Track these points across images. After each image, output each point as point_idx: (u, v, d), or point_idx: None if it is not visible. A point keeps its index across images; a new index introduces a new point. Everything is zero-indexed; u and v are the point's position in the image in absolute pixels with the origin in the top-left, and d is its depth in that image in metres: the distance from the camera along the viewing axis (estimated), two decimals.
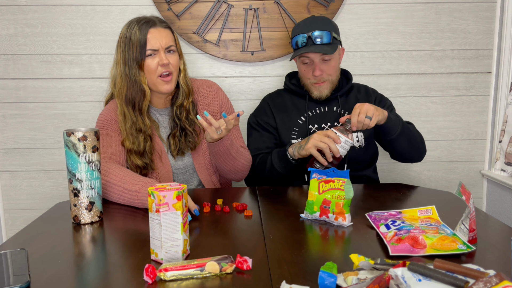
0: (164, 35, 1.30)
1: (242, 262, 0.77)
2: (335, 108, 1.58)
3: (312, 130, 1.55)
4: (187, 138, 1.38)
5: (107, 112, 1.39)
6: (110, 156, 1.29)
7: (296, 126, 1.56)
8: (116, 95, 1.34)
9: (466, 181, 2.03)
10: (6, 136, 1.89)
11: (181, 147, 1.38)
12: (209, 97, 1.44)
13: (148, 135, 1.35)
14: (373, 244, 0.89)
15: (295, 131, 1.56)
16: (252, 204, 1.18)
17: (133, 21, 1.31)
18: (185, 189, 0.83)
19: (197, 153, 1.43)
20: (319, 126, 1.56)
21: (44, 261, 0.83)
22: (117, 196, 1.17)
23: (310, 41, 1.47)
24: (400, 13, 1.88)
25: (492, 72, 1.94)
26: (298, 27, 1.52)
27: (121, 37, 1.31)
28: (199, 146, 1.42)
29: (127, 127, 1.32)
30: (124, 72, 1.30)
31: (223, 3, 1.82)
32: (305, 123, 1.56)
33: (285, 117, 1.58)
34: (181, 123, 1.38)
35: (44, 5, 1.81)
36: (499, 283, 0.54)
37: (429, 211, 0.99)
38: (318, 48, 1.45)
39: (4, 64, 1.84)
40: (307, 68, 1.51)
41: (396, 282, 0.61)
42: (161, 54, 1.29)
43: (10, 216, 1.94)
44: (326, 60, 1.48)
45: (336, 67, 1.53)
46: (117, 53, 1.33)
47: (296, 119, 1.57)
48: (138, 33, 1.28)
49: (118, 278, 0.76)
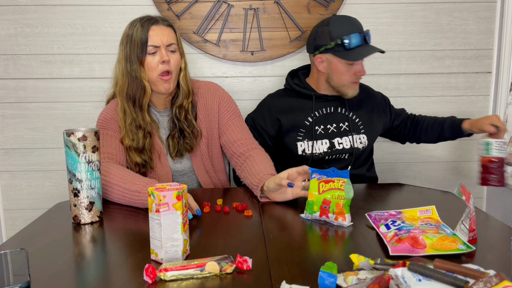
0: (165, 33, 1.30)
1: (242, 262, 0.77)
2: (339, 109, 1.57)
3: (318, 131, 1.54)
4: (185, 140, 1.38)
5: (108, 111, 1.39)
6: (111, 156, 1.29)
7: (303, 127, 1.54)
8: (118, 92, 1.34)
9: (466, 181, 2.03)
10: (6, 136, 1.89)
11: (180, 149, 1.38)
12: (206, 98, 1.43)
13: (148, 132, 1.34)
14: (373, 244, 0.89)
15: (302, 132, 1.54)
16: (252, 204, 1.18)
17: (136, 20, 1.32)
18: (185, 189, 0.83)
19: (196, 155, 1.42)
20: (325, 127, 1.55)
21: (44, 261, 0.83)
22: (117, 197, 1.17)
23: (364, 41, 1.45)
24: (400, 13, 1.88)
25: (492, 72, 1.94)
26: (345, 25, 1.46)
27: (124, 35, 1.32)
28: (197, 148, 1.41)
29: (127, 123, 1.32)
30: (125, 68, 1.30)
31: (223, 3, 1.82)
32: (311, 124, 1.54)
33: (291, 117, 1.55)
34: (179, 123, 1.37)
35: (44, 5, 1.81)
36: (499, 283, 0.54)
37: (429, 211, 0.99)
38: (375, 48, 1.44)
39: (4, 64, 1.84)
40: (351, 69, 1.48)
41: (396, 282, 0.61)
42: (162, 51, 1.29)
43: (10, 216, 1.94)
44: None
45: None
46: (119, 51, 1.33)
47: (303, 120, 1.55)
48: (140, 30, 1.28)
49: (118, 278, 0.76)
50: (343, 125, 1.56)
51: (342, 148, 1.55)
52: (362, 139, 1.57)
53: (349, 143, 1.56)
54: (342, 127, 1.56)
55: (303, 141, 1.54)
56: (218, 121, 1.43)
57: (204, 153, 1.42)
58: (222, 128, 1.42)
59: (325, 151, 1.54)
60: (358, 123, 1.58)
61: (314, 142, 1.54)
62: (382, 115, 1.64)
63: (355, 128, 1.58)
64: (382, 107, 1.65)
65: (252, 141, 1.41)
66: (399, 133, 1.73)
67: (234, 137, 1.40)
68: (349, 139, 1.56)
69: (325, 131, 1.55)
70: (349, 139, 1.56)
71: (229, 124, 1.42)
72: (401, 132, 1.72)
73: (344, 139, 1.56)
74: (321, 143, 1.54)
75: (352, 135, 1.56)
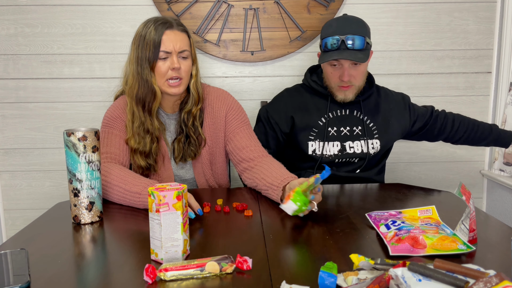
0: (179, 38, 1.27)
1: (242, 262, 0.77)
2: (355, 112, 1.53)
3: (330, 133, 1.51)
4: (190, 146, 1.36)
5: (115, 109, 1.36)
6: (113, 156, 1.28)
7: (316, 127, 1.51)
8: (127, 93, 1.32)
9: (466, 181, 2.03)
10: (6, 136, 1.89)
11: (184, 154, 1.37)
12: (214, 105, 1.39)
13: (156, 137, 1.33)
14: (373, 244, 0.89)
15: (314, 131, 1.51)
16: (252, 204, 1.18)
17: (150, 20, 1.28)
18: (185, 189, 0.83)
19: (197, 163, 1.40)
20: (338, 129, 1.51)
21: (44, 261, 0.83)
22: (118, 198, 1.17)
23: (342, 45, 1.40)
24: (400, 13, 1.88)
25: (492, 72, 1.94)
26: (329, 27, 1.44)
27: (136, 35, 1.28)
28: (199, 156, 1.40)
29: (135, 126, 1.30)
30: (136, 70, 1.28)
31: (223, 3, 1.82)
32: (324, 125, 1.51)
33: (305, 116, 1.52)
34: (186, 129, 1.36)
35: (44, 5, 1.81)
36: (499, 283, 0.54)
37: (429, 211, 0.99)
38: (351, 55, 1.38)
39: (4, 64, 1.84)
40: (335, 71, 1.45)
41: (396, 282, 0.61)
42: (173, 57, 1.26)
43: (10, 216, 1.94)
44: (356, 65, 1.42)
45: (364, 73, 1.48)
46: (131, 51, 1.30)
47: (316, 120, 1.52)
48: (154, 33, 1.25)
49: (118, 278, 0.76)
50: (356, 129, 1.52)
51: (353, 152, 1.52)
52: (374, 144, 1.53)
53: (360, 148, 1.52)
54: (355, 131, 1.52)
55: (314, 141, 1.51)
56: (224, 129, 1.39)
57: (205, 162, 1.40)
58: (229, 135, 1.39)
59: (335, 153, 1.51)
60: (372, 128, 1.54)
61: (326, 143, 1.51)
62: (401, 119, 1.58)
63: (369, 133, 1.53)
64: (401, 110, 1.58)
65: (261, 148, 1.37)
66: (427, 134, 1.64)
67: (243, 143, 1.37)
68: (361, 143, 1.52)
69: (337, 133, 1.52)
70: (361, 144, 1.52)
71: (237, 131, 1.39)
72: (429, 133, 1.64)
73: (356, 143, 1.52)
74: (332, 145, 1.51)
75: (365, 140, 1.52)
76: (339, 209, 1.11)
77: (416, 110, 1.61)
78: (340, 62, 1.42)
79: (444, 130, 1.62)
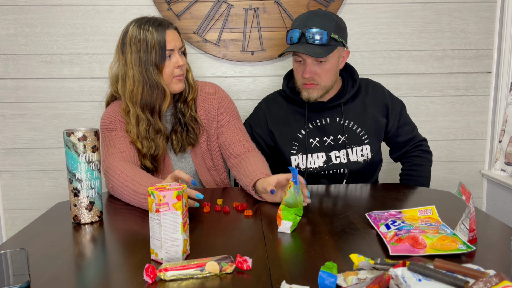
0: (176, 37, 1.31)
1: (242, 262, 0.77)
2: (337, 119, 1.45)
3: (313, 144, 1.44)
4: (189, 134, 1.38)
5: (111, 113, 1.36)
6: (124, 155, 1.26)
7: (296, 140, 1.45)
8: (127, 98, 1.29)
9: (466, 181, 2.03)
10: (6, 136, 1.89)
11: (183, 143, 1.38)
12: (206, 97, 1.43)
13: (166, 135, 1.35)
14: (373, 244, 0.89)
15: (295, 145, 1.45)
16: (252, 204, 1.18)
17: (143, 22, 1.27)
18: (185, 189, 0.83)
19: (197, 154, 1.42)
20: (321, 139, 1.44)
21: (44, 261, 0.83)
22: (129, 198, 1.16)
23: (303, 39, 1.33)
24: (400, 13, 1.88)
25: (492, 72, 1.94)
26: (296, 20, 1.39)
27: (132, 38, 1.25)
28: (198, 147, 1.41)
29: (141, 129, 1.30)
30: (141, 75, 1.26)
31: (223, 3, 1.82)
32: (304, 137, 1.45)
33: (283, 130, 1.46)
34: (184, 118, 1.37)
35: (44, 5, 1.81)
36: (499, 283, 0.54)
37: (429, 211, 0.99)
38: (308, 49, 1.30)
39: (4, 64, 1.84)
40: (299, 67, 1.39)
41: (396, 282, 0.61)
42: (176, 55, 1.29)
43: (10, 216, 1.94)
44: (321, 62, 1.34)
45: (332, 72, 1.38)
46: (128, 55, 1.26)
47: (295, 133, 1.45)
48: (156, 35, 1.25)
49: (118, 278, 0.76)
50: (341, 136, 1.44)
51: (339, 163, 1.44)
52: (364, 151, 1.44)
53: (346, 158, 1.44)
54: (340, 139, 1.44)
55: (297, 155, 1.44)
56: (216, 121, 1.42)
57: (204, 151, 1.42)
58: (220, 129, 1.42)
59: (320, 165, 1.44)
60: (359, 133, 1.45)
61: (309, 155, 1.44)
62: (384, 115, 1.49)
63: (356, 140, 1.44)
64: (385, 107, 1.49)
65: (249, 143, 1.39)
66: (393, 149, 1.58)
67: (232, 138, 1.39)
68: (347, 152, 1.44)
69: (320, 144, 1.44)
70: (347, 153, 1.44)
71: (228, 125, 1.41)
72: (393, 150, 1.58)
73: (342, 152, 1.44)
74: (317, 156, 1.44)
75: (351, 148, 1.44)
76: (339, 209, 1.11)
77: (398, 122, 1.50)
78: (303, 58, 1.36)
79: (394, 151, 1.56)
